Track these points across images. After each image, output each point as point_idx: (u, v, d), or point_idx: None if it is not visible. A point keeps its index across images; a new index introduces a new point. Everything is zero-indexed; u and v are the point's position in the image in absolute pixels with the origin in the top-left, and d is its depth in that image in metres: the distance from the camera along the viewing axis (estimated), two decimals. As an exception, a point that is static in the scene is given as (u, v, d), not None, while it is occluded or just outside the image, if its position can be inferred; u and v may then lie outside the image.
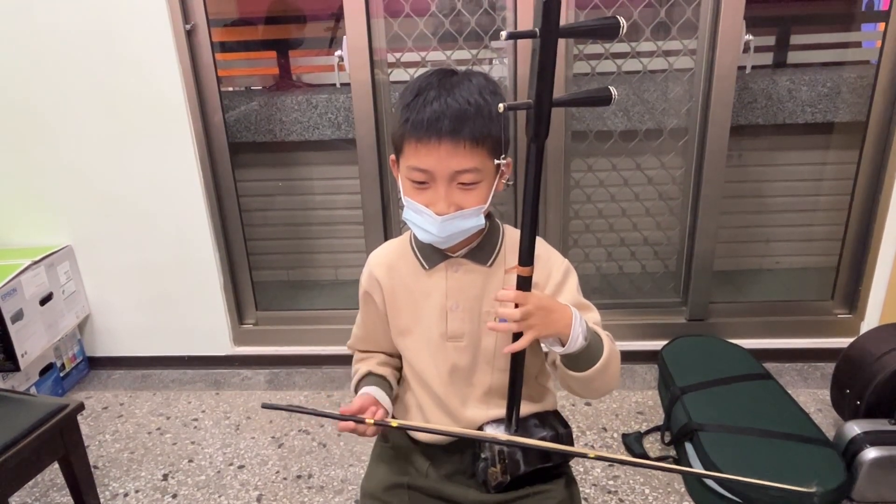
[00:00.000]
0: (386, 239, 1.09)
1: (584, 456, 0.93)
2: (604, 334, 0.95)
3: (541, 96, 0.80)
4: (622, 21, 0.78)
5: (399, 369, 1.13)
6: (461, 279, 1.01)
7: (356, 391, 1.08)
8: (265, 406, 0.93)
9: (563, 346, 0.89)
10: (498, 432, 1.00)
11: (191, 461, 1.86)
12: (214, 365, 2.35)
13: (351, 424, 0.92)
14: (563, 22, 0.77)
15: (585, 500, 1.64)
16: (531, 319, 0.86)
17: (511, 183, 1.00)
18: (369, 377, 1.08)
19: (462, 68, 0.98)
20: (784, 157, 2.45)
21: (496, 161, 0.93)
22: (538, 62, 0.79)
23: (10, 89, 2.02)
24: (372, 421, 0.92)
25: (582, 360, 0.91)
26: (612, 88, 0.82)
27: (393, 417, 1.05)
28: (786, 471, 1.48)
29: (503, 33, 0.79)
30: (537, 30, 0.77)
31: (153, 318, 2.29)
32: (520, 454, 0.99)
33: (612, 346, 0.94)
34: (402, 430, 1.00)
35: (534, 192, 0.85)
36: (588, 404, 2.02)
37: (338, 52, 2.05)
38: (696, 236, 2.15)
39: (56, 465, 1.46)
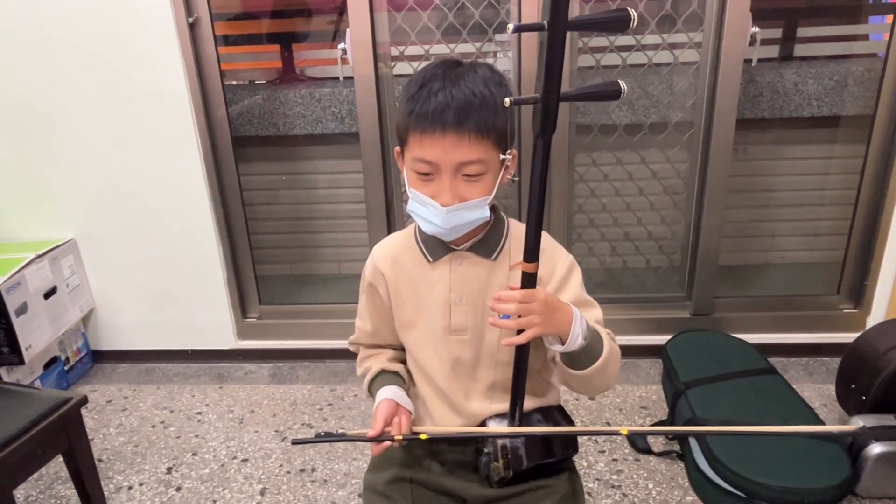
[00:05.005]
0: (389, 233, 1.09)
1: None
2: (604, 332, 0.95)
3: (548, 91, 0.79)
4: (633, 13, 0.76)
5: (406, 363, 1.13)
6: (465, 272, 1.01)
7: (370, 390, 1.08)
8: (295, 442, 0.98)
9: (563, 344, 0.89)
10: (501, 427, 1.00)
11: (195, 454, 1.87)
12: (218, 359, 2.35)
13: (384, 447, 0.96)
14: (570, 14, 0.76)
15: (589, 494, 1.64)
16: (534, 317, 0.86)
17: (517, 179, 0.99)
18: (384, 375, 1.07)
19: (467, 60, 0.97)
20: (790, 151, 2.43)
21: (501, 156, 0.92)
22: (546, 56, 0.78)
23: (14, 84, 2.01)
24: (400, 437, 0.95)
25: (581, 358, 0.91)
26: (621, 82, 0.81)
27: (414, 418, 1.05)
28: (790, 465, 1.48)
29: (510, 26, 0.79)
30: (545, 23, 0.76)
31: (157, 312, 2.29)
32: (522, 449, 0.99)
33: (612, 345, 0.94)
34: (432, 439, 1.02)
35: (540, 187, 0.85)
36: (592, 399, 2.01)
37: (341, 46, 2.04)
38: (700, 230, 2.14)
39: (61, 458, 1.46)
